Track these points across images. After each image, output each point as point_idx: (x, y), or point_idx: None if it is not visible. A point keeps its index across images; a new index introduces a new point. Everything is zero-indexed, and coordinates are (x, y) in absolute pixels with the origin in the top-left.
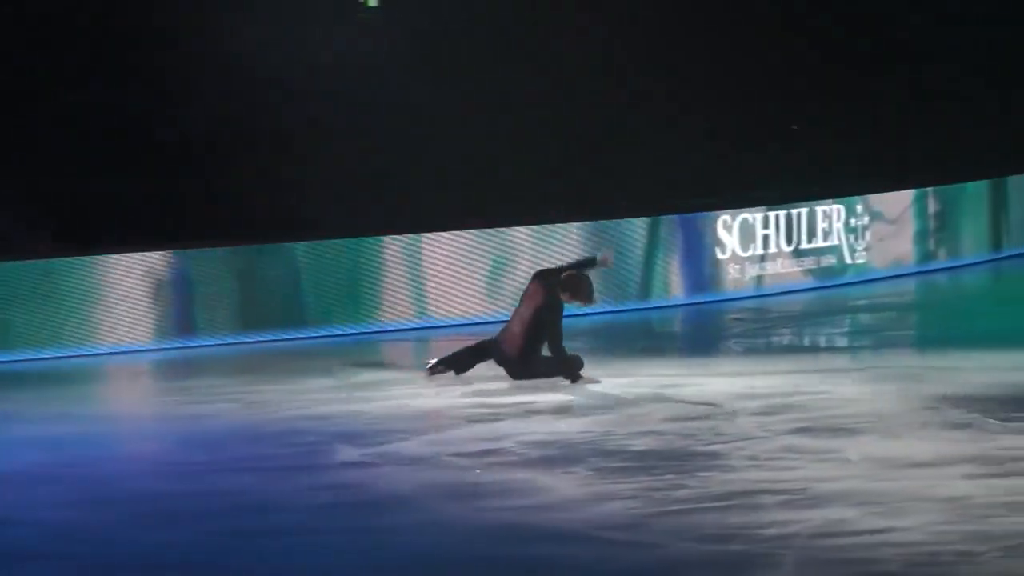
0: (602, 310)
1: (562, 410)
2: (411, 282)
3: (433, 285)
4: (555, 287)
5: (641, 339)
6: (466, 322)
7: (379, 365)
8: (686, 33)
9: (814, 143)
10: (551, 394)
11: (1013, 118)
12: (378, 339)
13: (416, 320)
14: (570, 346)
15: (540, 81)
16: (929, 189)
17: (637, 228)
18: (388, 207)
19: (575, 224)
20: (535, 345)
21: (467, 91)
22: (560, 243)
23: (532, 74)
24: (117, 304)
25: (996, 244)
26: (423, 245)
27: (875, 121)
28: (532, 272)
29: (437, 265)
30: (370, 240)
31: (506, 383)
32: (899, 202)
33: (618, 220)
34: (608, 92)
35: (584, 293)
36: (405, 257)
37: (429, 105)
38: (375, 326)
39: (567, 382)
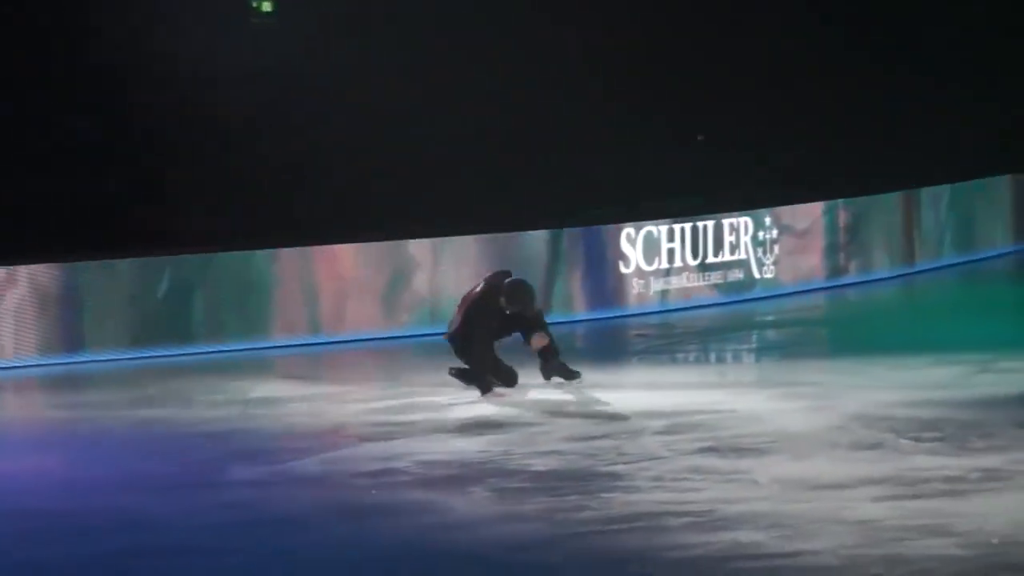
0: None
1: (461, 428)
2: (305, 296)
3: (328, 300)
4: (497, 288)
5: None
6: (360, 337)
7: (273, 381)
8: (588, 40)
9: (722, 154)
10: (448, 411)
11: (926, 129)
12: (271, 355)
13: (310, 335)
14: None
15: (441, 91)
16: (840, 201)
17: (538, 241)
18: (282, 219)
19: (472, 237)
20: (469, 332)
21: (365, 101)
22: (456, 257)
23: (434, 83)
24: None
25: (909, 258)
26: (316, 258)
27: (784, 131)
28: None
29: (331, 279)
30: (260, 254)
31: (399, 400)
32: (809, 214)
33: (518, 232)
34: (510, 102)
35: (520, 300)
36: (298, 271)
37: (326, 115)
38: (268, 342)
39: (477, 392)
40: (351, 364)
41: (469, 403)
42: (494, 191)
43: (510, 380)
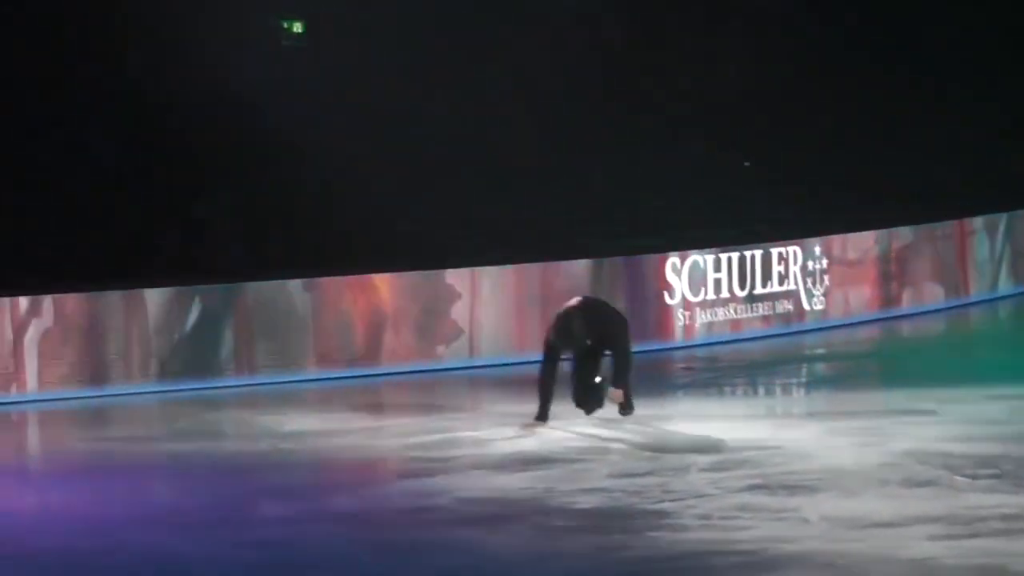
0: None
1: (502, 464)
2: (339, 327)
3: (364, 330)
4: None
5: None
6: (398, 370)
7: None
8: (629, 69)
9: (770, 182)
10: (489, 446)
11: (975, 158)
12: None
13: (346, 368)
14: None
15: (467, 111)
16: (892, 230)
17: (580, 270)
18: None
19: (511, 267)
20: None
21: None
22: (494, 287)
23: (461, 108)
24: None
25: (961, 289)
26: (351, 288)
27: (836, 160)
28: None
29: (367, 310)
30: (290, 283)
31: (438, 435)
32: (860, 244)
33: (559, 262)
34: (549, 128)
35: (561, 336)
36: (333, 301)
37: (358, 137)
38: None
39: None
40: (388, 397)
41: (511, 438)
42: (534, 216)
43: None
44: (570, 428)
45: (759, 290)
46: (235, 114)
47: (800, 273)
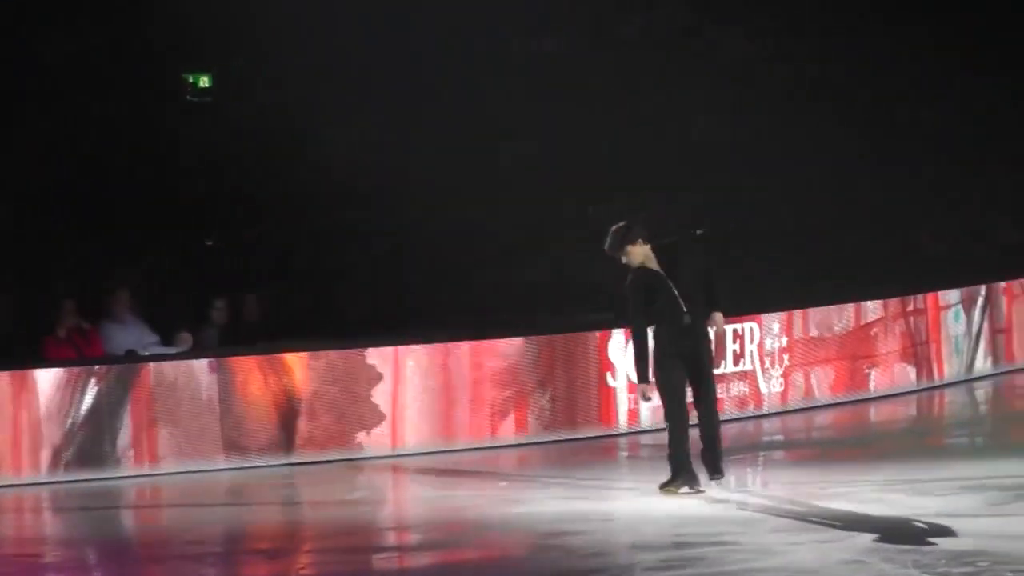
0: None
1: (428, 568)
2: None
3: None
4: None
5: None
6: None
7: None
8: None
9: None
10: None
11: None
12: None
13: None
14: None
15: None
16: (858, 304)
17: (512, 349)
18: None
19: (437, 344)
20: None
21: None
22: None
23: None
24: None
25: (934, 369)
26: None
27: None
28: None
29: None
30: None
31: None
32: (824, 321)
33: (492, 340)
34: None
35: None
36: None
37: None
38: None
39: None
40: (304, 490)
41: (438, 533)
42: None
43: None
44: (504, 523)
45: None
46: (145, 171)
47: (757, 352)
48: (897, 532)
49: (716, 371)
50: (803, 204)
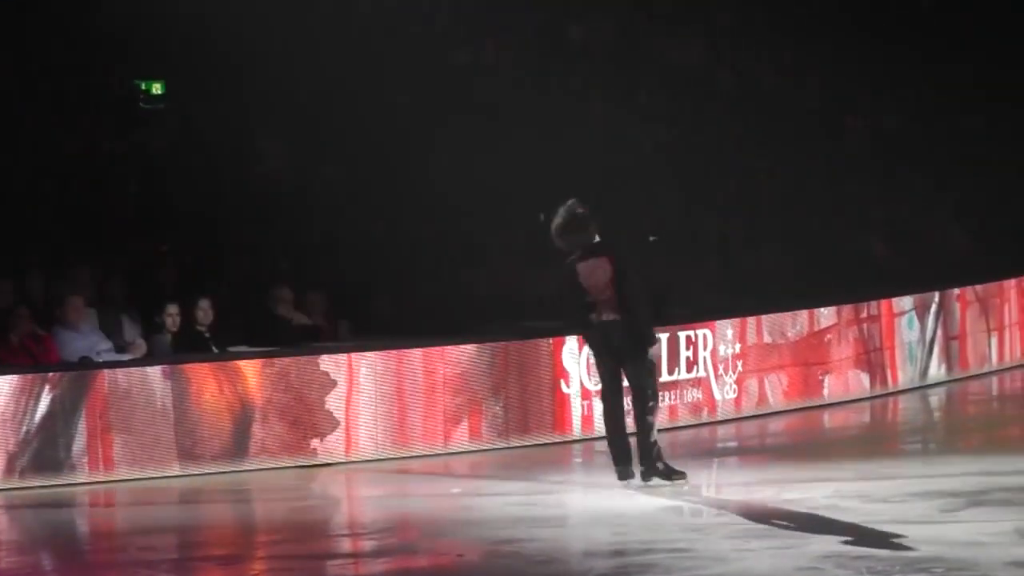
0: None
1: (386, 572)
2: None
3: None
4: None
5: None
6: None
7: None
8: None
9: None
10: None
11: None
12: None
13: None
14: None
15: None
16: (812, 311)
17: (465, 355)
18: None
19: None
20: None
21: None
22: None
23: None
24: None
25: (888, 376)
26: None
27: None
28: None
29: None
30: (149, 370)
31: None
32: (777, 327)
33: (445, 346)
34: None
35: None
36: None
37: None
38: None
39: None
40: (257, 496)
41: (391, 539)
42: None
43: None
44: (456, 528)
45: (665, 378)
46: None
47: (710, 359)
48: (851, 538)
49: (671, 377)
50: (754, 211)
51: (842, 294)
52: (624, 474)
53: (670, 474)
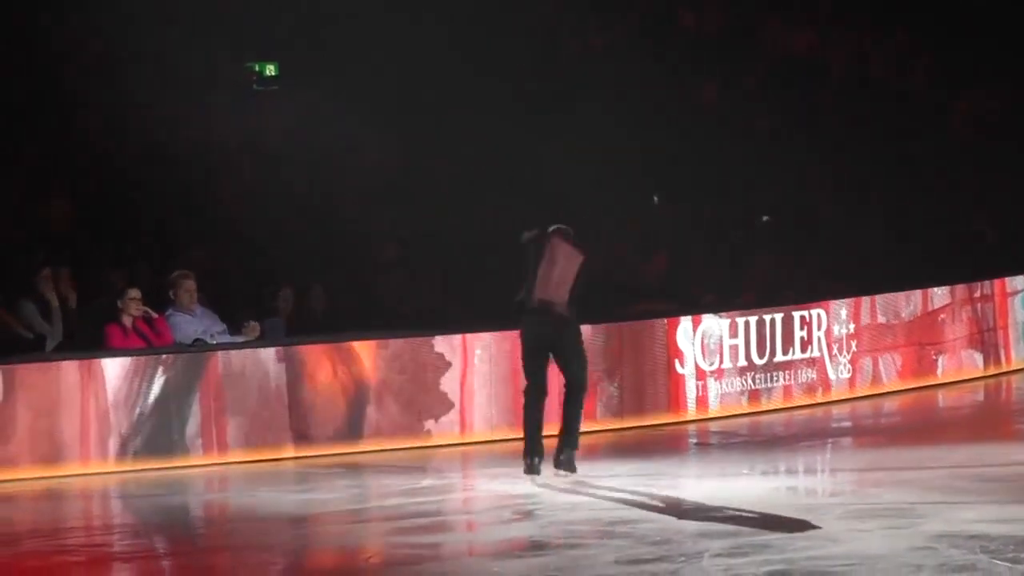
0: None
1: (496, 552)
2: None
3: None
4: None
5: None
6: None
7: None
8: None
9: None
10: (482, 532)
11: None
12: None
13: None
14: None
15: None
16: (925, 291)
17: (583, 336)
18: None
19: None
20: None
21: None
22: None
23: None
24: None
25: (1003, 356)
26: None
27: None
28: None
29: None
30: (263, 352)
31: (430, 518)
32: (891, 307)
33: None
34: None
35: None
36: None
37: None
38: None
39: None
40: (372, 477)
41: (504, 522)
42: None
43: None
44: (571, 510)
45: (779, 358)
46: (210, 161)
47: (824, 339)
48: (965, 518)
49: (785, 357)
50: (863, 195)
51: (955, 274)
52: (534, 468)
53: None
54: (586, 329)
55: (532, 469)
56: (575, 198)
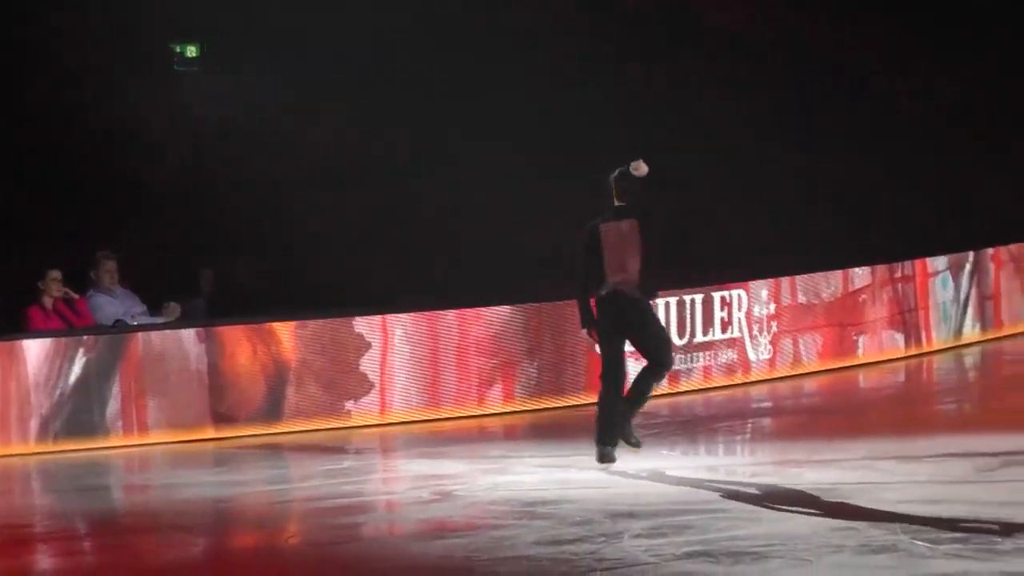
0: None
1: (416, 533)
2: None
3: None
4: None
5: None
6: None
7: (203, 476)
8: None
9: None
10: (402, 512)
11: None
12: None
13: None
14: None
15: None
16: (846, 271)
17: (500, 318)
18: None
19: (425, 313)
20: None
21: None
22: (414, 334)
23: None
24: None
25: (923, 336)
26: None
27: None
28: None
29: None
30: (183, 333)
31: (345, 499)
32: (812, 287)
33: (479, 308)
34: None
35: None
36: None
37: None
38: None
39: None
40: (291, 458)
41: (424, 503)
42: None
43: None
44: (491, 491)
45: (700, 338)
46: (133, 142)
47: (745, 320)
48: (886, 499)
49: (705, 338)
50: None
51: (877, 254)
52: (606, 456)
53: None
54: (504, 310)
55: (603, 457)
56: (499, 177)
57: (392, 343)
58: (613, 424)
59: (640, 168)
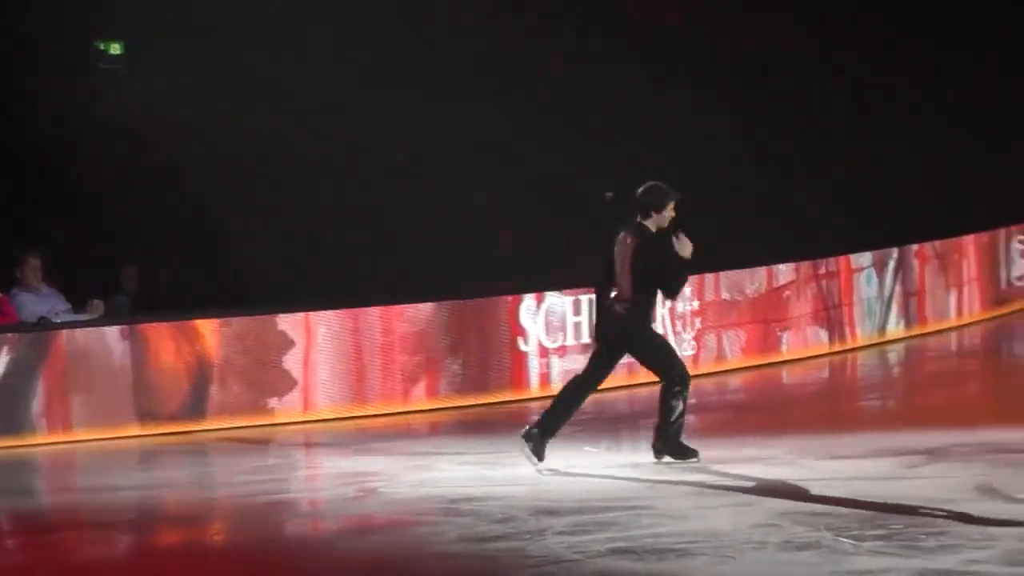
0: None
1: (337, 532)
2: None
3: None
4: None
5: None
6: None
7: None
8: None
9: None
10: (324, 510)
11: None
12: None
13: None
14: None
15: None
16: (770, 268)
17: (423, 314)
18: None
19: (348, 310)
20: None
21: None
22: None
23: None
24: None
25: (847, 333)
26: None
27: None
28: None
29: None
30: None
31: (270, 496)
32: (735, 283)
33: (403, 305)
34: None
35: None
36: None
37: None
38: None
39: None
40: (216, 456)
41: (348, 500)
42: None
43: None
44: (415, 488)
45: None
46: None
47: (668, 316)
48: (810, 495)
49: None
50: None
51: (801, 251)
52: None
53: (684, 452)
54: (429, 307)
55: (534, 450)
56: (424, 173)
57: (315, 340)
58: (560, 421)
59: (685, 247)
